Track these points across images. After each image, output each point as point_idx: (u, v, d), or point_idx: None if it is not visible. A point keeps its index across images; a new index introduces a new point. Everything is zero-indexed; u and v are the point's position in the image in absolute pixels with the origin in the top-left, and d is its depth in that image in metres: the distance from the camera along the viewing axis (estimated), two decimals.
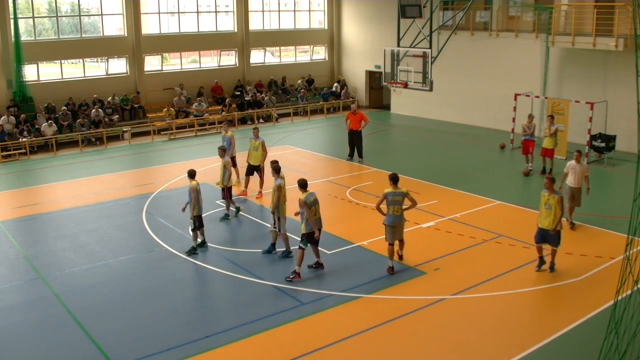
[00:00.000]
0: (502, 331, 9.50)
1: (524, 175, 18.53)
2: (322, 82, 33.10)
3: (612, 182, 18.41)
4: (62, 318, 10.08)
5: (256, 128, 16.98)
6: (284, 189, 12.24)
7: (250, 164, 16.55)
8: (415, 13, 18.48)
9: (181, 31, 28.46)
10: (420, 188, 17.10)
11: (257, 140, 16.52)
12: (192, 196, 12.46)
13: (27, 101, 24.18)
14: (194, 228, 12.67)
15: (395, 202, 11.28)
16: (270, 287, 11.08)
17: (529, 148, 18.60)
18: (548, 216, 11.20)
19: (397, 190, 11.31)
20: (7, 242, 13.58)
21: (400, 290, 10.85)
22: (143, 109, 26.78)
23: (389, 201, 11.30)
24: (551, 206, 11.14)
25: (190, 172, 12.85)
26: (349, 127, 20.09)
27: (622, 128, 20.45)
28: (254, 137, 16.64)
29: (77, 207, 16.02)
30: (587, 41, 20.72)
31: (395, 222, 11.36)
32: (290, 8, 32.50)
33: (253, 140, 16.61)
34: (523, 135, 18.67)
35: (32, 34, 24.59)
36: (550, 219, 11.17)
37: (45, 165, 21.08)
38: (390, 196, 11.29)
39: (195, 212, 12.50)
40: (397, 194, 11.29)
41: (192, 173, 12.80)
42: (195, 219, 12.57)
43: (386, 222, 11.41)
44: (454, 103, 27.28)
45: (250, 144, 16.66)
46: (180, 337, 9.35)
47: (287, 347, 9.05)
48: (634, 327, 7.49)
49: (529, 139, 18.51)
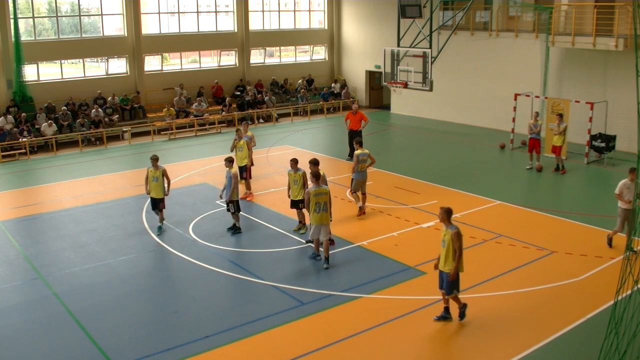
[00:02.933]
0: (502, 331, 9.49)
1: (537, 170, 18.75)
2: (322, 82, 33.10)
3: (612, 182, 18.30)
4: (62, 318, 10.08)
5: (239, 129, 16.71)
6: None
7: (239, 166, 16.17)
8: (415, 13, 18.47)
9: (181, 31, 28.47)
10: (420, 188, 17.10)
11: (241, 140, 16.41)
12: (233, 182, 13.38)
13: (27, 101, 24.18)
14: (234, 211, 13.65)
15: (364, 161, 14.60)
16: (270, 287, 11.08)
17: (534, 147, 18.70)
18: (443, 255, 9.35)
19: (364, 152, 14.69)
20: (7, 242, 13.58)
21: (400, 290, 10.85)
22: (143, 109, 26.78)
23: (359, 160, 14.49)
24: (446, 242, 9.27)
25: (229, 159, 13.83)
26: (349, 127, 20.08)
27: (622, 128, 20.43)
28: (237, 137, 16.45)
29: (77, 207, 16.02)
30: (587, 41, 20.72)
31: (363, 176, 14.71)
32: (290, 8, 32.50)
33: (237, 140, 16.43)
34: (530, 134, 18.78)
35: (32, 34, 24.59)
36: (443, 258, 9.33)
37: (45, 165, 21.08)
38: (361, 156, 14.59)
39: (235, 197, 13.48)
40: (364, 155, 14.64)
41: (231, 160, 13.83)
42: (234, 203, 13.53)
43: (355, 177, 14.58)
44: (454, 103, 27.28)
45: (232, 145, 16.58)
46: (180, 337, 9.35)
47: (287, 347, 9.05)
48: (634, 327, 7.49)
49: (536, 137, 18.62)
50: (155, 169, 13.79)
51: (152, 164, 13.82)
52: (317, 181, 11.71)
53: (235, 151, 16.52)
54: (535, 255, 12.32)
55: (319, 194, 11.56)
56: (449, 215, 9.26)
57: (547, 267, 11.68)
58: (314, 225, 11.68)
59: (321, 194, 11.57)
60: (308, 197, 11.59)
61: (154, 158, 13.89)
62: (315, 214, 11.54)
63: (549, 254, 12.20)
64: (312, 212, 11.59)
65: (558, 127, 18.31)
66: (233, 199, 13.52)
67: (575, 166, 19.36)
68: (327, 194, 11.66)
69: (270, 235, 13.76)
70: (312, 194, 11.54)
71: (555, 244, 12.77)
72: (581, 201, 16.47)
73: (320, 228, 11.67)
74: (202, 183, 17.97)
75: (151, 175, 13.76)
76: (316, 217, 11.57)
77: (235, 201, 13.58)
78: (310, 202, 11.53)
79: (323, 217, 11.59)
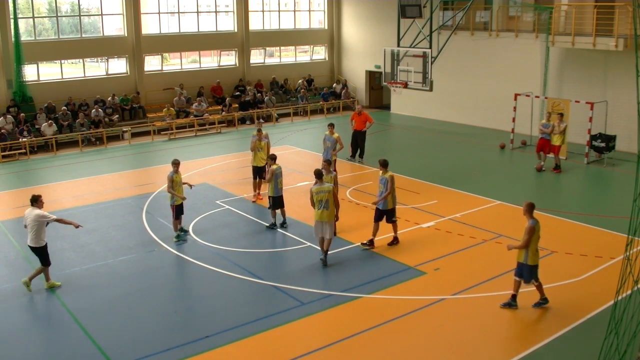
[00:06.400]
0: (502, 331, 9.50)
1: (537, 170, 18.79)
2: (322, 82, 33.09)
3: (612, 182, 18.42)
4: (62, 318, 10.08)
5: (259, 130, 16.29)
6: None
7: (256, 166, 15.98)
8: (415, 13, 18.47)
9: (181, 31, 28.46)
10: (420, 188, 17.11)
11: (262, 141, 16.08)
12: (280, 180, 13.81)
13: (27, 101, 24.18)
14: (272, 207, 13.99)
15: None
16: (270, 287, 11.08)
17: (544, 147, 18.81)
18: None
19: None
20: (7, 242, 13.58)
21: (400, 290, 10.85)
22: (143, 109, 26.78)
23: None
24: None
25: (273, 156, 14.12)
26: (354, 127, 20.11)
27: (622, 128, 20.44)
28: (257, 137, 16.05)
29: (77, 207, 16.01)
30: (587, 41, 20.72)
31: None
32: (290, 8, 32.50)
33: (257, 141, 16.07)
34: (541, 134, 18.85)
35: (32, 34, 24.59)
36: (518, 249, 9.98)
37: (45, 165, 21.08)
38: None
39: (274, 193, 13.85)
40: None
41: (275, 157, 14.11)
42: (272, 200, 13.85)
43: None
44: (454, 103, 27.28)
45: (254, 144, 16.06)
46: (180, 337, 9.35)
47: (287, 347, 9.05)
48: (634, 327, 7.49)
49: (546, 137, 18.73)
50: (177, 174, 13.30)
51: (175, 169, 13.29)
52: (319, 180, 11.91)
53: (255, 151, 16.09)
54: None
55: (320, 191, 11.73)
56: (531, 209, 9.91)
57: (547, 267, 11.64)
58: (315, 222, 11.84)
59: (322, 192, 11.70)
60: (310, 195, 11.86)
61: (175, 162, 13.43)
62: (317, 210, 11.74)
63: (549, 254, 12.20)
64: (315, 209, 11.80)
65: (559, 126, 18.40)
66: (274, 194, 13.84)
67: (575, 166, 19.36)
68: (328, 191, 11.74)
69: (271, 235, 13.77)
70: (313, 192, 11.78)
71: (555, 244, 12.76)
72: (581, 201, 16.47)
73: (322, 225, 11.76)
74: (202, 183, 17.97)
75: (177, 180, 13.29)
76: (318, 214, 11.73)
77: (270, 197, 13.91)
78: (313, 199, 11.77)
79: (324, 214, 11.68)
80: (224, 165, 20.33)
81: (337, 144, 17.26)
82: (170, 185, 13.20)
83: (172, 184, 13.18)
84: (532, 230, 9.64)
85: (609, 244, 12.89)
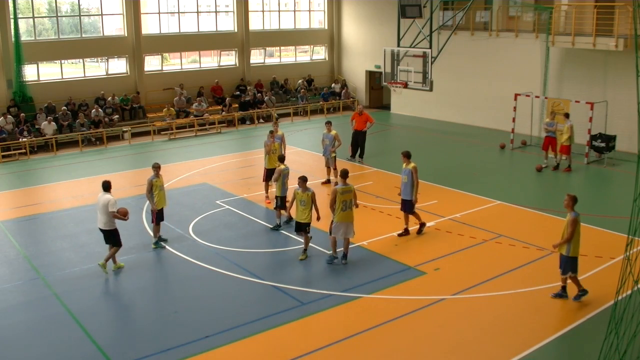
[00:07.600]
0: (502, 331, 9.50)
1: (537, 170, 18.87)
2: (322, 82, 33.09)
3: (612, 182, 18.41)
4: (62, 318, 10.08)
5: (272, 131, 15.94)
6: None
7: (268, 169, 15.71)
8: (415, 13, 18.47)
9: (181, 31, 28.45)
10: (420, 188, 17.05)
11: (275, 143, 15.84)
12: (286, 180, 13.87)
13: (27, 101, 24.17)
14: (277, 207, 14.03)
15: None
16: (270, 287, 11.08)
17: (549, 145, 18.99)
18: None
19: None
20: (7, 242, 13.57)
21: (400, 290, 10.85)
22: (143, 109, 26.77)
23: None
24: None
25: (282, 157, 14.32)
26: (354, 127, 20.11)
27: (622, 128, 20.44)
28: (271, 139, 15.74)
29: (77, 207, 16.01)
30: (587, 41, 20.72)
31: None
32: (290, 8, 32.50)
33: (272, 142, 15.74)
34: (546, 132, 19.07)
35: (32, 34, 24.59)
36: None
37: (45, 165, 21.08)
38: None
39: (281, 193, 13.88)
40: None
41: (283, 158, 14.31)
42: (280, 199, 13.86)
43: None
44: (454, 103, 27.27)
45: (269, 147, 15.74)
46: (180, 337, 9.35)
47: (287, 347, 9.05)
48: (634, 327, 7.49)
49: (552, 136, 18.94)
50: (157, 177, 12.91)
51: (155, 173, 12.89)
52: (343, 180, 11.83)
53: (269, 154, 15.69)
54: (535, 255, 12.32)
55: (345, 191, 11.68)
56: (573, 202, 10.33)
57: (547, 267, 11.67)
58: (338, 223, 11.73)
59: (348, 192, 11.69)
60: (334, 195, 11.64)
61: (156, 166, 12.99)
62: (342, 212, 11.65)
63: (549, 254, 12.19)
64: (338, 211, 11.65)
65: (565, 127, 18.61)
66: (280, 195, 13.88)
67: (576, 166, 19.34)
68: (352, 191, 11.78)
69: (271, 235, 13.76)
70: (339, 192, 11.65)
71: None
72: (581, 201, 16.22)
73: (346, 225, 11.75)
74: (202, 183, 17.97)
75: (157, 184, 12.90)
76: (342, 215, 11.65)
77: (277, 197, 13.98)
78: (337, 200, 11.62)
79: (349, 215, 11.72)
80: (224, 165, 20.33)
81: (336, 141, 17.33)
82: (148, 189, 12.85)
83: (151, 188, 12.83)
84: (575, 222, 10.05)
85: (609, 244, 12.90)
